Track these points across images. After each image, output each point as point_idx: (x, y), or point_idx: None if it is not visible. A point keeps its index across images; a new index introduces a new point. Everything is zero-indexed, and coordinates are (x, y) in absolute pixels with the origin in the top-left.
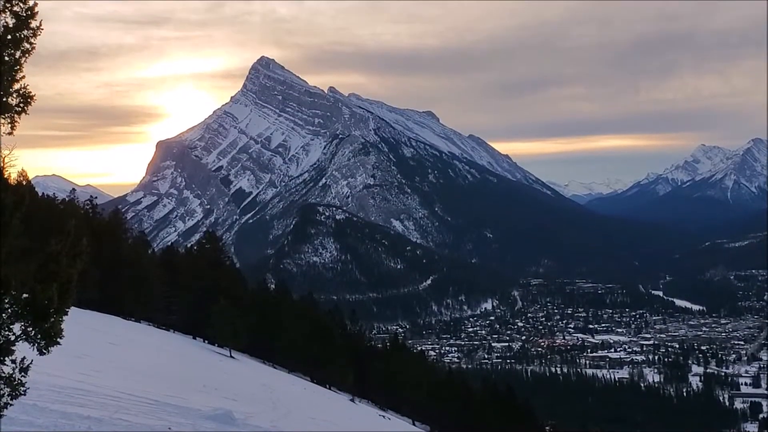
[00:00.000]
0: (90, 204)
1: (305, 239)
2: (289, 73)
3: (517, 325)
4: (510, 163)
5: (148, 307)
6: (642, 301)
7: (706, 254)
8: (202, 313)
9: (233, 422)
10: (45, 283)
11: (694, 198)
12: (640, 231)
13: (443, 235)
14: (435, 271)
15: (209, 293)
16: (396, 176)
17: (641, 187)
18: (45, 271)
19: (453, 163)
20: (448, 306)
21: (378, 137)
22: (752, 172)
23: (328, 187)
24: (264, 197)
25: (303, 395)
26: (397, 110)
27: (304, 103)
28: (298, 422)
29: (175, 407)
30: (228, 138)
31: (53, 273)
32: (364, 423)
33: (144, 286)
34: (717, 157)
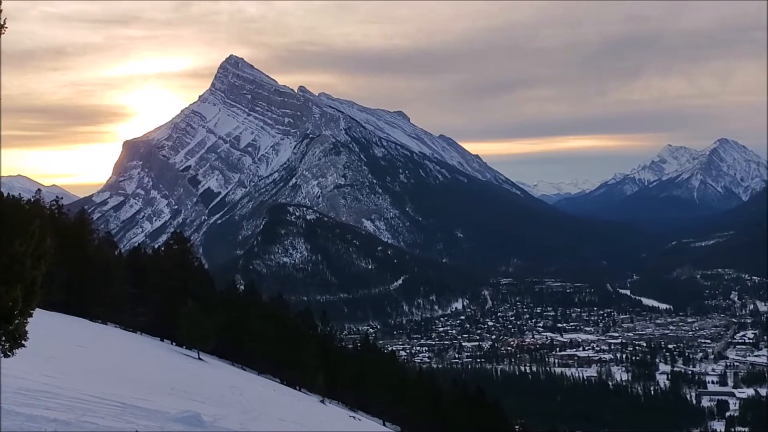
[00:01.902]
0: (56, 204)
1: (275, 240)
2: (258, 72)
3: (487, 324)
4: (480, 163)
5: (115, 309)
6: (610, 300)
7: (673, 253)
8: (170, 314)
9: (201, 424)
10: (9, 285)
11: (660, 198)
12: (608, 230)
13: (414, 235)
14: (406, 271)
15: (177, 295)
16: (367, 176)
17: (609, 187)
18: (9, 272)
19: (424, 163)
20: (419, 306)
21: (349, 137)
22: (718, 172)
23: (299, 187)
24: (233, 197)
25: (272, 397)
26: (367, 110)
27: (273, 103)
28: (267, 424)
29: (143, 410)
30: (196, 137)
31: (17, 274)
32: (334, 424)
33: (111, 287)
34: (683, 157)
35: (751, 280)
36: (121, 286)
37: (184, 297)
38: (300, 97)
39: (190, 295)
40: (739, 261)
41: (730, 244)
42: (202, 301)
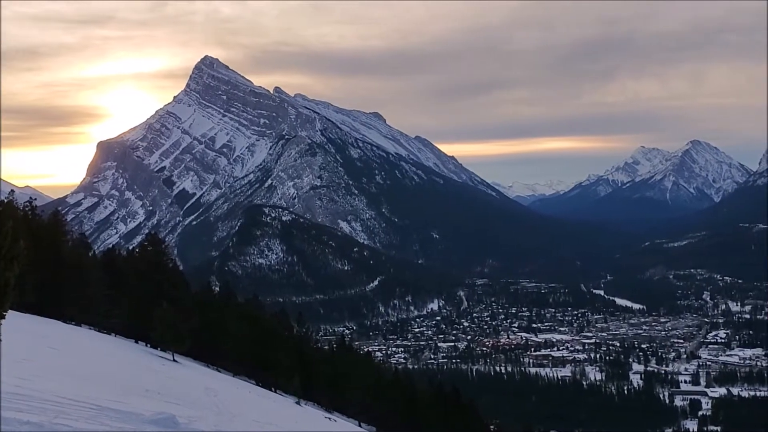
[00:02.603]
0: (29, 206)
1: (250, 241)
2: (233, 72)
3: (463, 324)
4: (456, 164)
5: (89, 311)
6: (584, 301)
7: (646, 254)
8: (144, 316)
9: (176, 426)
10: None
11: (634, 199)
12: (582, 231)
13: (390, 236)
14: (382, 272)
15: (152, 296)
16: (343, 177)
17: (583, 188)
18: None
19: (400, 165)
20: (395, 307)
21: (325, 138)
22: (691, 173)
23: (274, 189)
24: (208, 198)
25: (248, 398)
26: (343, 111)
27: (249, 103)
28: (242, 425)
29: (117, 412)
30: (171, 138)
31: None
32: (309, 425)
33: (85, 289)
34: (656, 158)
35: (723, 281)
36: (96, 287)
37: (158, 298)
38: (275, 98)
39: (164, 296)
40: (711, 261)
41: (702, 245)
42: (177, 302)
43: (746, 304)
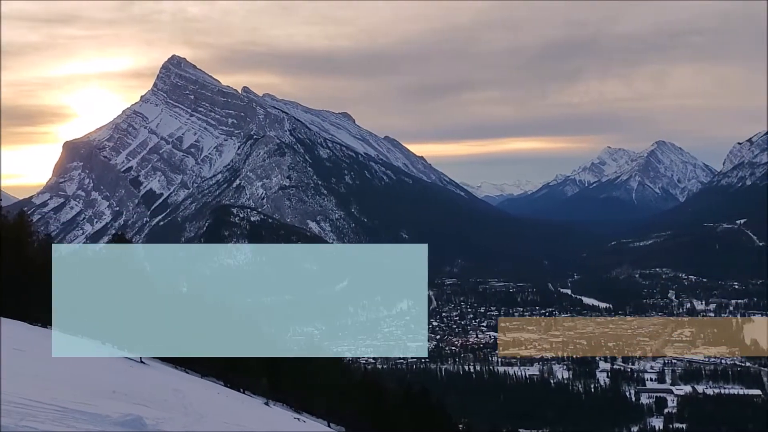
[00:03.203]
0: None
1: (219, 241)
2: (201, 72)
3: (432, 324)
4: (425, 164)
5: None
6: (551, 300)
7: (613, 253)
8: None
9: (144, 427)
10: None
11: (600, 199)
12: (550, 231)
13: (359, 236)
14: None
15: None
16: (312, 177)
17: (550, 188)
18: None
19: (369, 165)
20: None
21: (293, 138)
22: (656, 173)
23: (243, 189)
24: (176, 199)
25: (216, 399)
26: (312, 111)
27: (217, 103)
28: (210, 426)
29: (84, 413)
30: (138, 138)
31: None
32: (278, 425)
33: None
34: (622, 159)
35: (688, 279)
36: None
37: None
38: (244, 98)
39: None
40: (676, 260)
41: (667, 244)
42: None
43: (711, 303)
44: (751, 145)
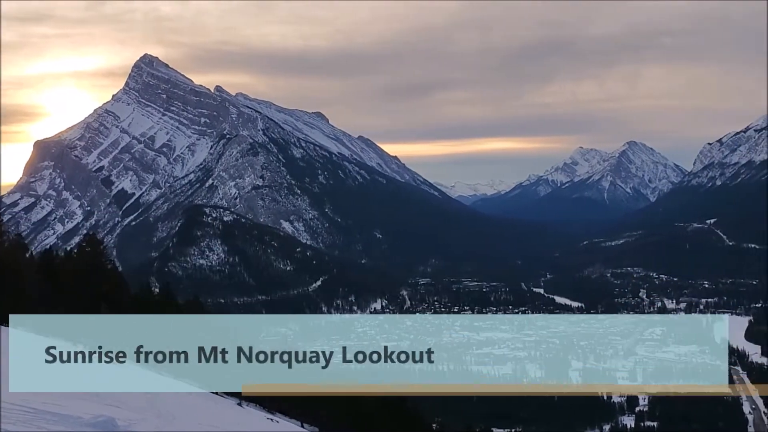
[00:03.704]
0: None
1: (191, 241)
2: (173, 71)
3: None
4: (399, 164)
5: (27, 312)
6: (524, 299)
7: (585, 253)
8: None
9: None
10: None
11: (572, 198)
12: (523, 230)
13: (333, 236)
14: (325, 272)
15: (90, 298)
16: (285, 177)
17: (523, 188)
18: None
19: (343, 164)
20: (338, 307)
21: (267, 138)
22: (627, 173)
23: (215, 188)
24: (147, 198)
25: (189, 400)
26: (286, 111)
27: (189, 102)
28: (183, 427)
29: (55, 415)
30: (109, 137)
31: None
32: (251, 425)
33: (22, 290)
34: (594, 159)
35: (659, 278)
36: (33, 289)
37: (97, 300)
38: (216, 97)
39: (103, 298)
40: (648, 260)
41: (638, 244)
42: (116, 304)
43: (681, 302)
44: (721, 146)
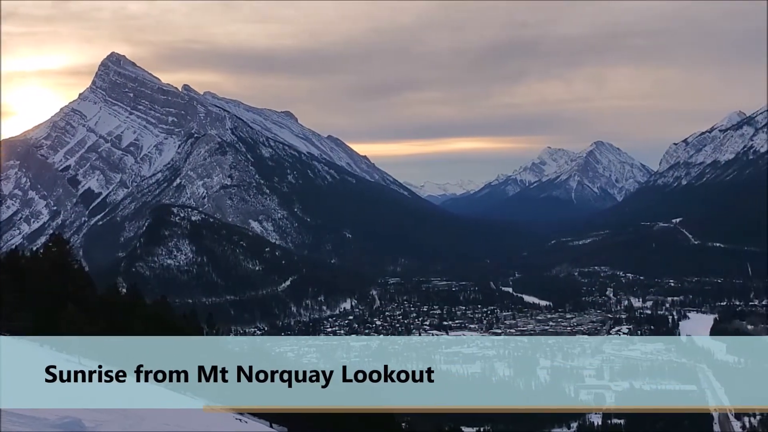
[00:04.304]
0: None
1: (159, 241)
2: (140, 70)
3: (375, 323)
4: (368, 164)
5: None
6: (493, 298)
7: (553, 252)
8: (50, 318)
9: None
10: None
11: (541, 198)
12: (492, 230)
13: (302, 235)
14: (294, 272)
15: (57, 298)
16: (254, 176)
17: (492, 188)
18: None
19: (312, 164)
20: (307, 307)
21: (235, 137)
22: (594, 173)
23: (183, 188)
24: (115, 198)
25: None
26: (254, 110)
27: (156, 101)
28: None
29: (21, 416)
30: (76, 137)
31: None
32: (219, 425)
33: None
34: (562, 159)
35: (625, 277)
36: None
37: (64, 300)
38: (184, 96)
39: (69, 298)
40: (614, 259)
41: (605, 243)
42: (83, 304)
43: (647, 300)
44: (687, 146)
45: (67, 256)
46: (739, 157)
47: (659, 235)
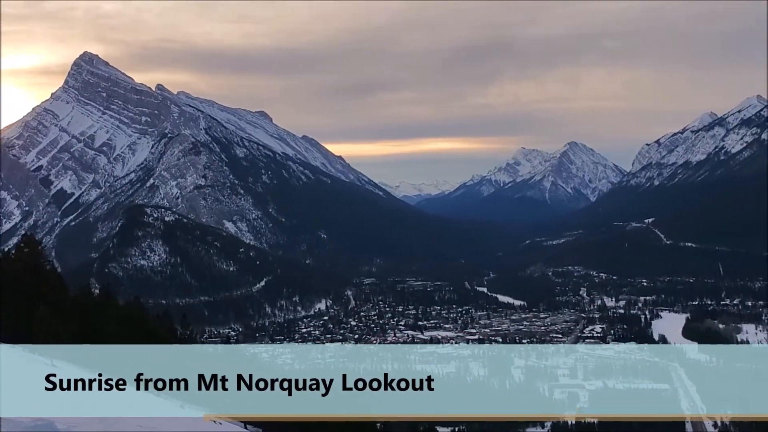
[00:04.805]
0: None
1: (132, 242)
2: (114, 69)
3: (350, 324)
4: (343, 164)
5: None
6: (468, 298)
7: (527, 252)
8: (22, 320)
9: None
10: None
11: (515, 198)
12: (467, 230)
13: (277, 236)
14: (268, 272)
15: (29, 299)
16: (228, 177)
17: (467, 188)
18: None
19: (287, 164)
20: (282, 307)
21: (209, 137)
22: (568, 173)
23: (157, 188)
24: (87, 198)
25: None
26: (228, 110)
27: (130, 101)
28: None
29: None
30: (48, 136)
31: None
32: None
33: None
34: (536, 159)
35: (599, 277)
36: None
37: (36, 302)
38: (158, 96)
39: (42, 300)
40: (588, 258)
41: (579, 243)
42: (56, 305)
43: (620, 300)
44: (659, 146)
45: (40, 257)
46: (710, 157)
47: (632, 235)
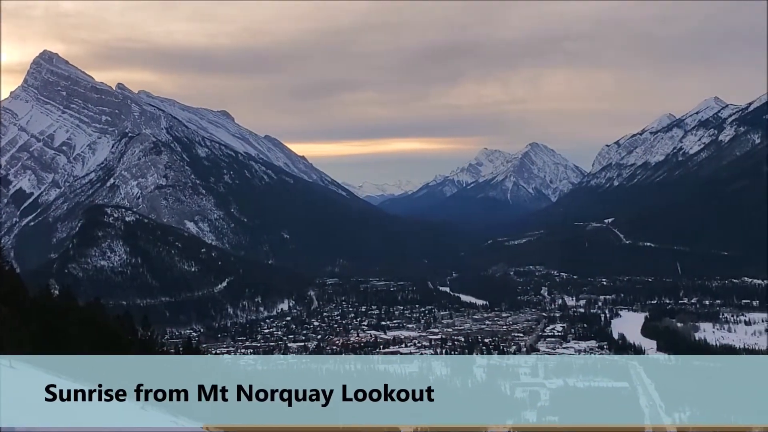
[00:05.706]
0: None
1: (92, 242)
2: (74, 68)
3: (313, 324)
4: (306, 164)
5: None
6: (431, 297)
7: (489, 251)
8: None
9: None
10: None
11: (477, 198)
12: (429, 230)
13: (239, 236)
14: (231, 273)
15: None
16: (190, 176)
17: (430, 188)
18: None
19: (249, 164)
20: (244, 308)
21: (170, 136)
22: (530, 174)
23: (117, 188)
24: (47, 198)
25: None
26: (190, 109)
27: (90, 100)
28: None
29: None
30: (6, 136)
31: None
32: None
33: None
34: (498, 160)
35: (560, 276)
36: None
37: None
38: (118, 95)
39: (1, 300)
40: (549, 258)
41: (540, 243)
42: (15, 307)
43: (581, 299)
44: (619, 147)
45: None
46: (669, 158)
47: (592, 234)
